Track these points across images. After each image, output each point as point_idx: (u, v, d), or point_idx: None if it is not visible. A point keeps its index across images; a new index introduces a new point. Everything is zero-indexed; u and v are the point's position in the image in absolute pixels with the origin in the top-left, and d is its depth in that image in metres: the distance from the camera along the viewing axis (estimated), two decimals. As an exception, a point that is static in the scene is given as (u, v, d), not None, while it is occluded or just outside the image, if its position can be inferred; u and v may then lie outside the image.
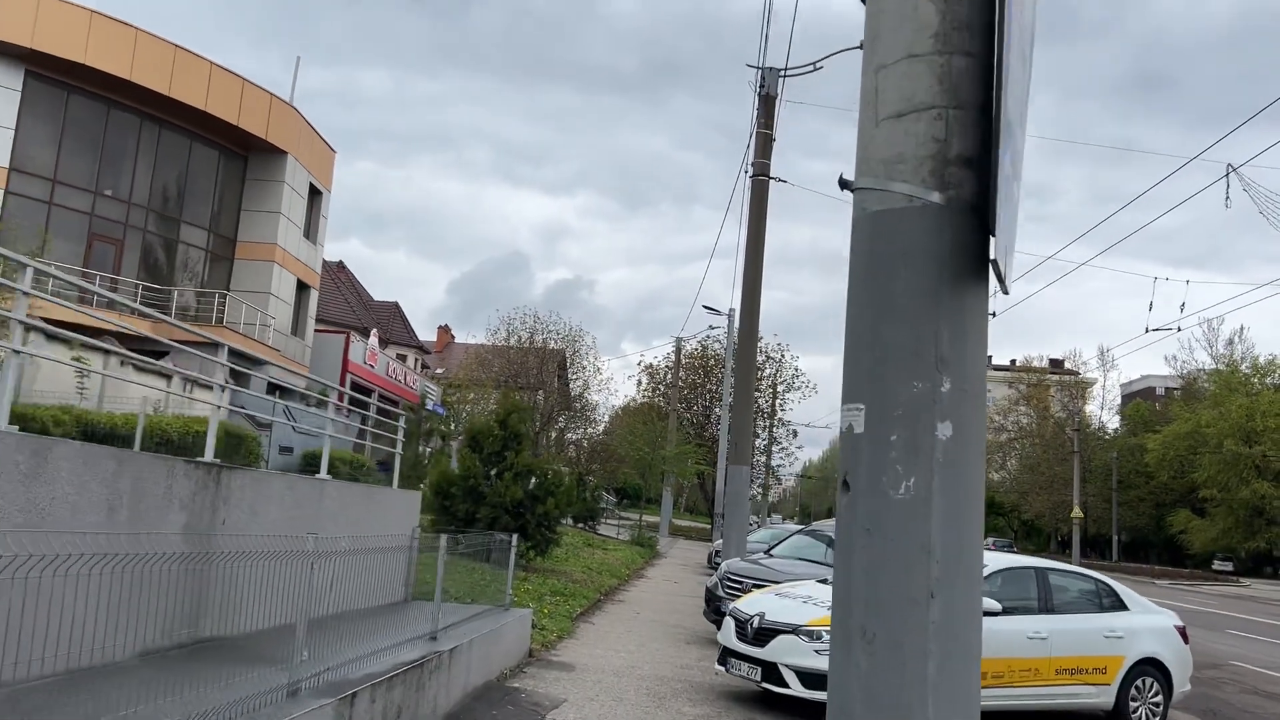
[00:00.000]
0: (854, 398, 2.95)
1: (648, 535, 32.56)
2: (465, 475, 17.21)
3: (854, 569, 2.86)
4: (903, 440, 2.82)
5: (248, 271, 31.38)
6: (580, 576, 18.42)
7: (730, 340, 43.78)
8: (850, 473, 2.93)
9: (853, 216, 3.08)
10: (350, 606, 8.48)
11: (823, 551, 14.59)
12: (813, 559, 14.18)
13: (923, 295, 2.86)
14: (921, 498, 2.78)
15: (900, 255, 2.89)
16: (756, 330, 19.31)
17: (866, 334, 2.94)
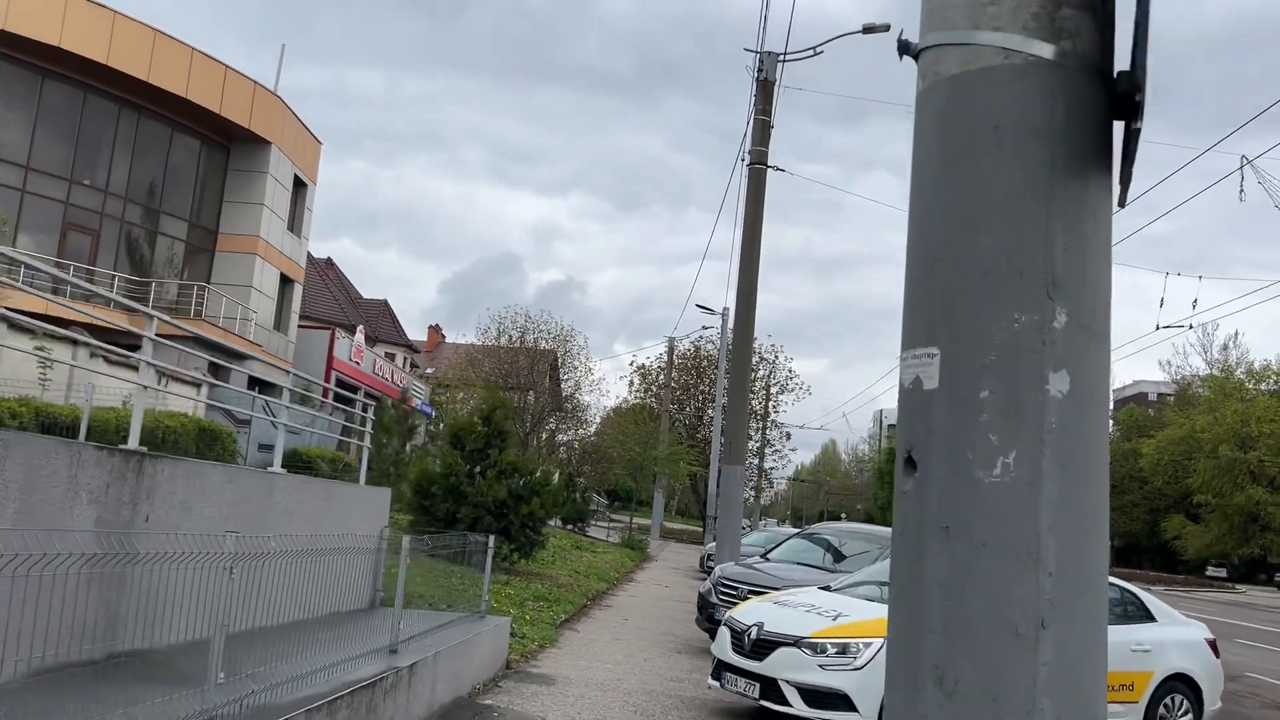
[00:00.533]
0: (922, 339, 2.06)
1: (638, 538, 31.66)
2: (446, 473, 16.30)
3: (924, 584, 1.97)
4: (998, 398, 1.93)
5: (229, 264, 30.42)
6: (566, 580, 17.52)
7: (724, 339, 42.94)
8: (917, 447, 2.04)
9: (918, 89, 2.20)
10: (308, 614, 7.58)
11: (820, 556, 13.72)
12: (812, 564, 13.30)
13: (1025, 190, 1.98)
14: (1026, 481, 1.90)
15: (991, 135, 2.01)
16: (753, 324, 18.44)
17: (941, 248, 2.05)
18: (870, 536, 13.79)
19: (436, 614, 9.75)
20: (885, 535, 13.75)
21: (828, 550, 13.81)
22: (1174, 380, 73.11)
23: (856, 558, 13.21)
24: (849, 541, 13.82)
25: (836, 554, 13.61)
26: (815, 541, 14.24)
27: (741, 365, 18.28)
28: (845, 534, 14.21)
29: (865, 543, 13.55)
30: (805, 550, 13.99)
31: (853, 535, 14.07)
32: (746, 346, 18.21)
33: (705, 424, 53.65)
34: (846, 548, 13.68)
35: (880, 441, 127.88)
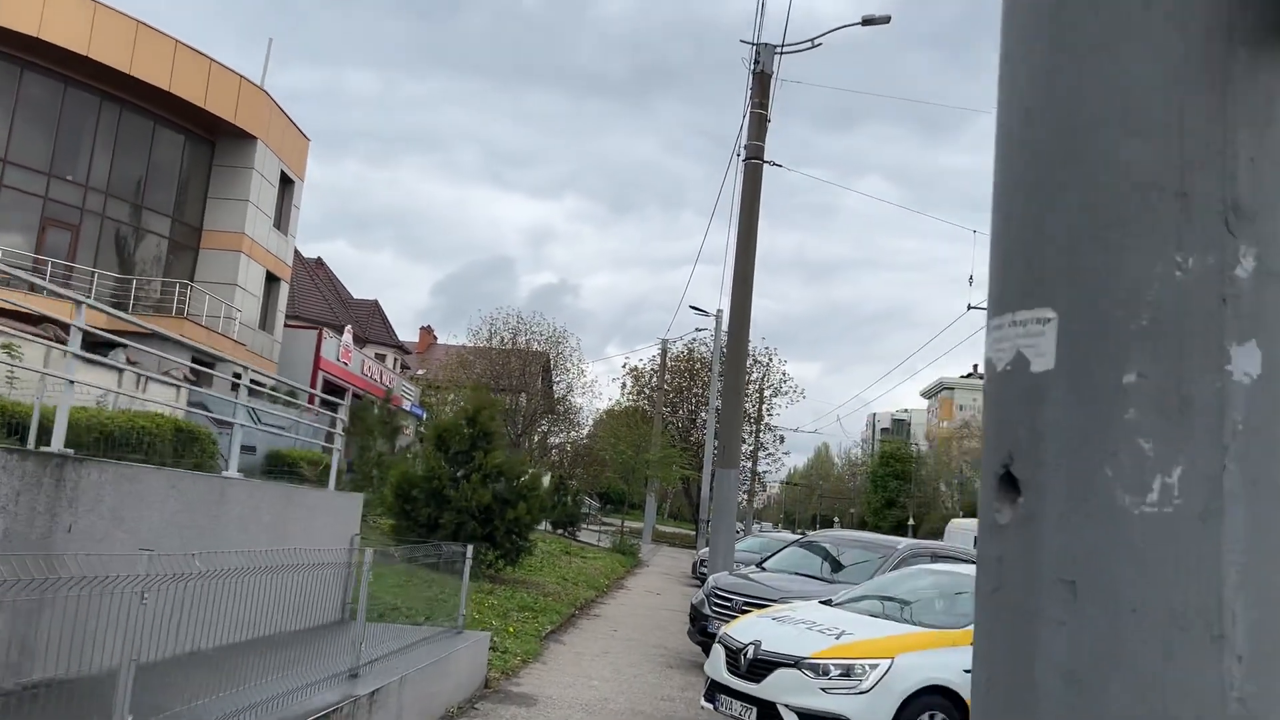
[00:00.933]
0: (1027, 297, 1.38)
1: (630, 543, 30.97)
2: (429, 476, 15.61)
3: (1036, 672, 1.28)
4: (1152, 385, 1.25)
5: (213, 262, 29.68)
6: (554, 588, 16.83)
7: (717, 341, 42.30)
8: (1021, 458, 1.36)
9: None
10: (263, 633, 6.90)
11: (819, 565, 13.06)
12: (810, 574, 12.64)
13: (1189, 70, 1.31)
14: (1198, 510, 1.22)
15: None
16: (748, 323, 17.78)
17: (1056, 164, 1.38)
18: (870, 545, 13.13)
19: (411, 629, 9.06)
20: (886, 544, 13.09)
21: (825, 559, 13.16)
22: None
23: (856, 567, 12.56)
24: (848, 550, 13.17)
25: (835, 564, 12.96)
26: (813, 550, 13.58)
27: (736, 365, 17.61)
28: (844, 542, 13.55)
29: (864, 551, 12.90)
30: (803, 559, 13.32)
31: (852, 544, 13.42)
32: (741, 345, 17.55)
33: (698, 427, 52.98)
34: (845, 557, 13.03)
35: (873, 445, 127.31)
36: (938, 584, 9.42)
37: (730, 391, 17.63)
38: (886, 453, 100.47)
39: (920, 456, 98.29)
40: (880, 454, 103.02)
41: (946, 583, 9.38)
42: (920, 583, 9.62)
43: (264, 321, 31.91)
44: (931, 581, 9.54)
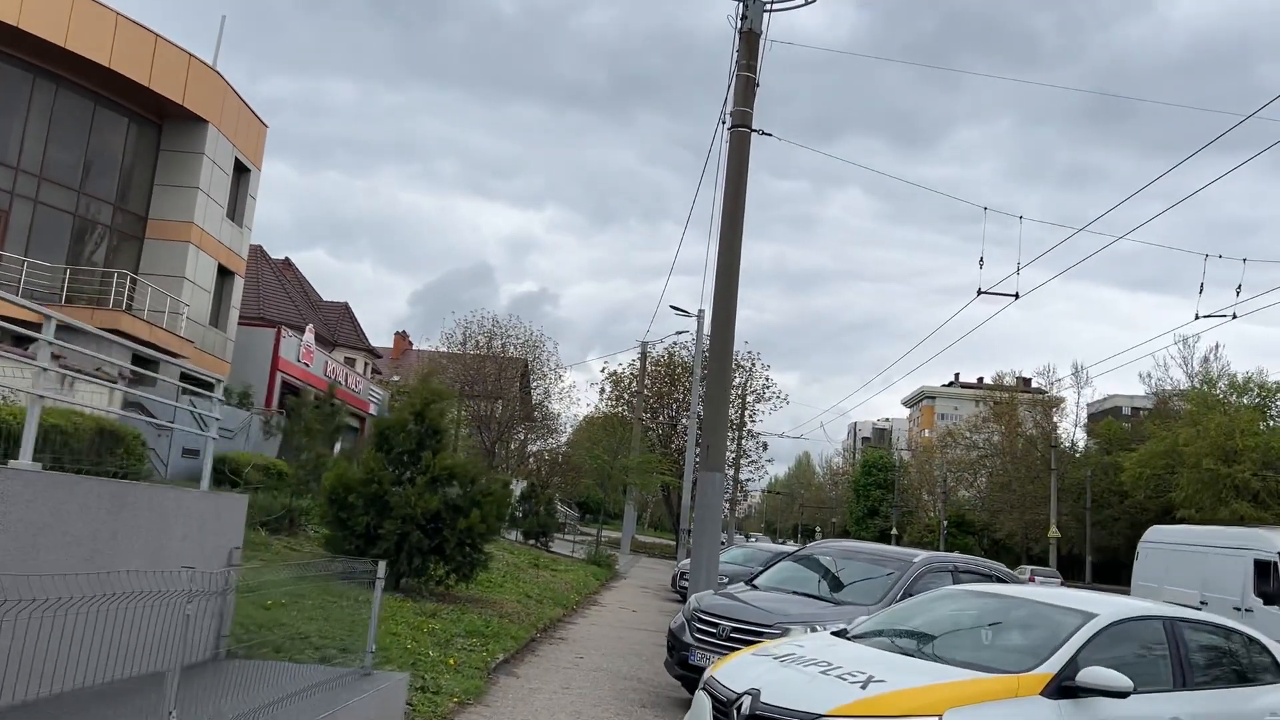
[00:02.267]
0: None
1: (605, 554, 28.73)
2: (368, 479, 13.38)
3: None
4: None
5: (160, 253, 27.35)
6: (514, 607, 14.61)
7: (699, 343, 40.21)
8: None
9: None
10: (83, 680, 4.73)
11: (819, 583, 10.93)
12: (811, 593, 10.51)
13: None
14: None
15: None
16: (734, 307, 15.66)
17: None
18: (880, 558, 11.00)
19: (301, 669, 6.86)
20: (899, 557, 10.97)
21: (827, 575, 11.03)
22: (1154, 392, 70.99)
23: (865, 585, 10.45)
24: (854, 564, 11.04)
25: (838, 580, 10.84)
26: (812, 564, 11.42)
27: (722, 353, 15.48)
28: (849, 554, 11.39)
29: (874, 566, 10.79)
30: (801, 575, 11.17)
31: (859, 556, 11.27)
32: (728, 331, 15.43)
33: (679, 433, 50.83)
34: (851, 572, 10.92)
35: (854, 454, 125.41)
36: (981, 609, 7.30)
37: (716, 384, 15.49)
38: (869, 461, 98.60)
39: (904, 465, 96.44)
40: (863, 463, 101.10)
41: (991, 608, 7.27)
42: (957, 608, 7.51)
43: (215, 318, 29.58)
44: (972, 606, 7.42)
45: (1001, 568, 11.77)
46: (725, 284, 15.41)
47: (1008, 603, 7.25)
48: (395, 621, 10.93)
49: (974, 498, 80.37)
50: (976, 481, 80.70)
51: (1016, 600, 7.30)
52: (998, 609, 7.20)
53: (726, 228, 15.84)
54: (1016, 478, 73.69)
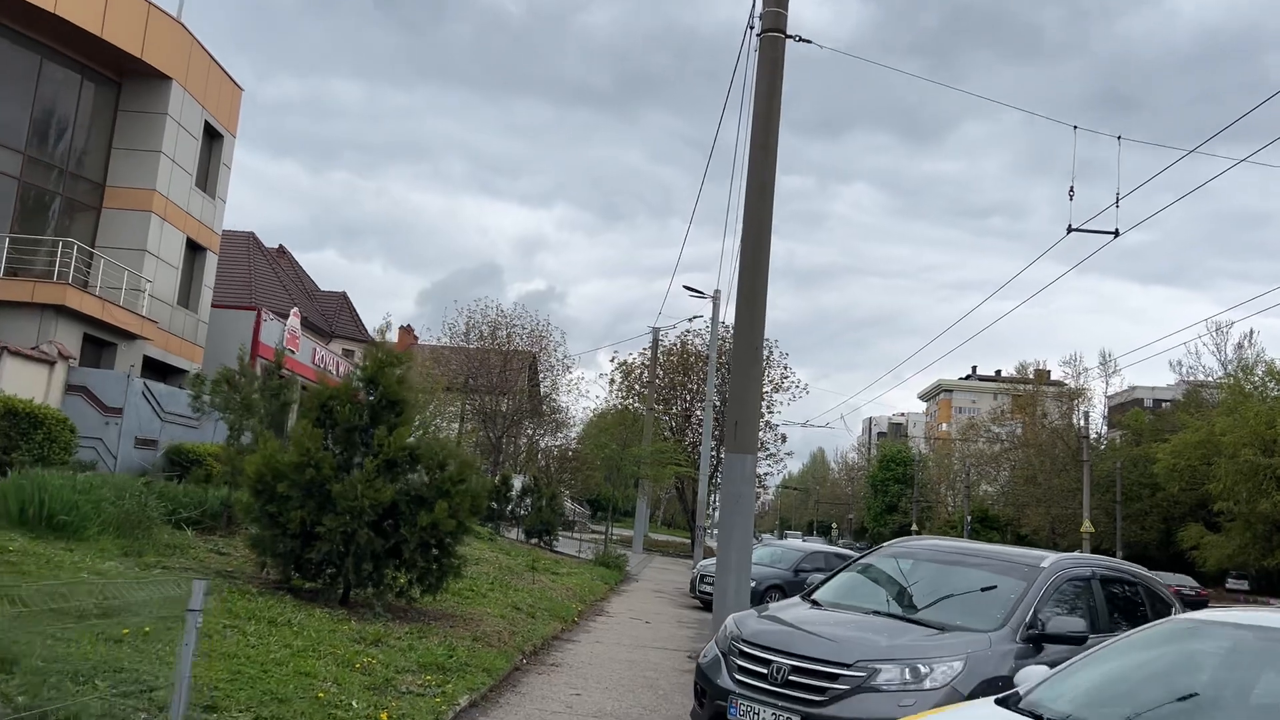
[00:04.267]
0: None
1: (615, 554, 25.57)
2: (302, 463, 10.24)
3: None
4: None
5: (118, 224, 24.31)
6: (495, 625, 11.43)
7: (715, 326, 36.99)
8: None
9: None
10: None
11: (900, 597, 7.70)
12: (894, 612, 7.29)
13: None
14: None
15: None
16: (768, 248, 12.46)
17: None
18: (991, 562, 7.73)
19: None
20: (1017, 561, 7.74)
21: (913, 588, 7.79)
22: (1185, 381, 67.37)
23: (969, 601, 7.26)
24: (948, 571, 7.80)
25: (929, 595, 7.60)
26: (891, 573, 8.15)
27: (751, 307, 12.27)
28: (942, 558, 8.08)
29: (979, 573, 7.56)
30: (876, 588, 7.94)
31: (954, 560, 7.98)
32: (758, 280, 12.23)
33: (694, 425, 47.59)
34: (944, 582, 7.67)
35: (870, 450, 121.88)
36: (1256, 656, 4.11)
37: (745, 343, 12.29)
38: (887, 456, 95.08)
39: (922, 459, 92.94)
40: (880, 457, 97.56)
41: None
42: (1205, 648, 4.32)
43: (184, 297, 26.52)
44: (1237, 650, 4.22)
45: (1144, 572, 8.55)
46: (757, 220, 12.23)
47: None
48: (316, 654, 7.78)
49: (997, 492, 76.91)
50: (999, 475, 77.24)
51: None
52: None
53: (758, 155, 12.67)
54: (1042, 470, 70.25)
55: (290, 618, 8.91)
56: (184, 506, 12.64)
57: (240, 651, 7.29)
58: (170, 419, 21.62)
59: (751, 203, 12.22)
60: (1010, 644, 6.60)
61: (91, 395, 20.30)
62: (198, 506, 12.94)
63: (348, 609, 10.34)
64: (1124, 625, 7.61)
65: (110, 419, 20.23)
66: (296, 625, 8.65)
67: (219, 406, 13.06)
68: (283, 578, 10.71)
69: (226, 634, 7.79)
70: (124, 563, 9.84)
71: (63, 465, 16.37)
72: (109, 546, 10.27)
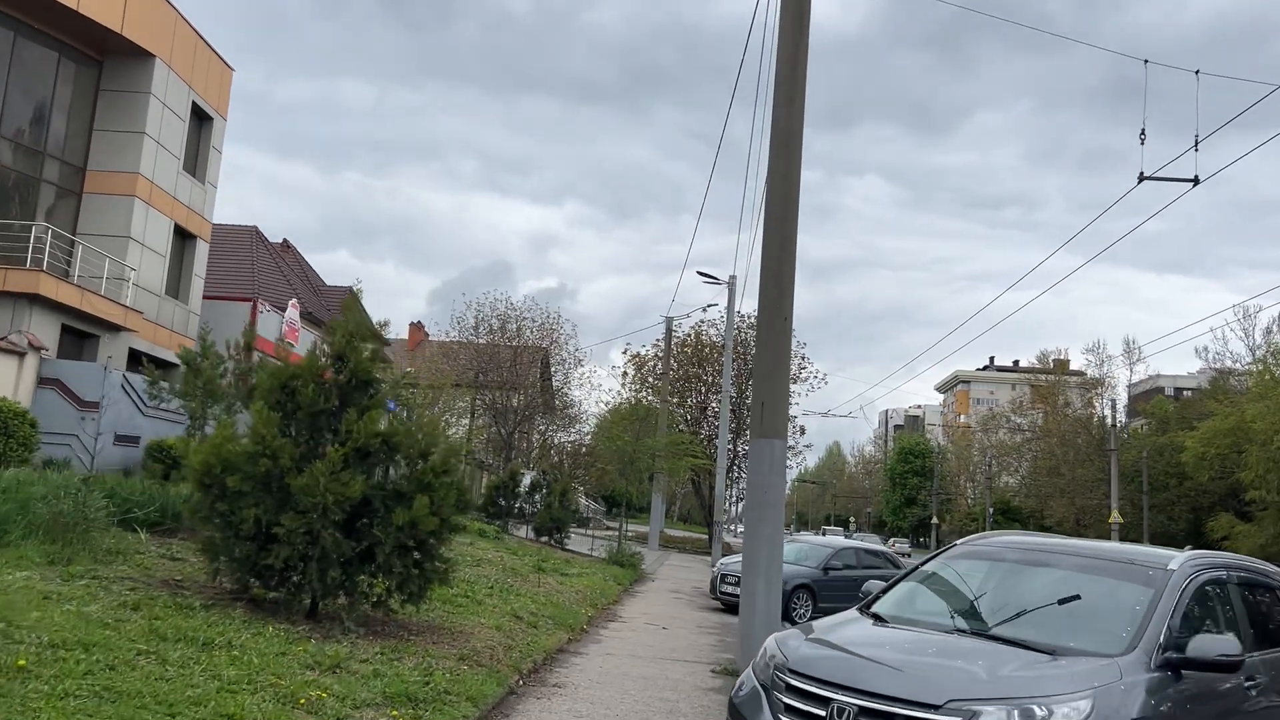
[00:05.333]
0: None
1: (630, 552, 23.94)
2: (256, 453, 8.63)
3: None
4: None
5: (100, 209, 22.84)
6: (489, 638, 9.80)
7: (731, 314, 35.30)
8: None
9: None
10: None
11: (988, 610, 5.95)
12: (981, 630, 5.59)
13: None
14: None
15: None
16: (795, 210, 10.79)
17: None
18: (1101, 564, 6.02)
19: None
20: (1131, 559, 6.05)
21: (1004, 598, 6.05)
22: (1212, 367, 65.20)
23: (1081, 614, 5.58)
24: (1046, 576, 6.08)
25: (1026, 607, 5.87)
26: (971, 579, 6.42)
27: (779, 265, 10.59)
28: (1034, 558, 6.32)
29: (1089, 578, 5.85)
30: (954, 598, 6.24)
31: (1051, 560, 6.25)
32: (788, 231, 10.54)
33: (709, 418, 45.89)
34: (1042, 589, 5.96)
35: (886, 442, 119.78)
36: None
37: (771, 314, 10.62)
38: (905, 448, 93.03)
39: (941, 451, 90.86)
40: (898, 449, 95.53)
41: None
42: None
43: (174, 287, 25.05)
44: None
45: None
46: (785, 160, 10.55)
47: None
48: (251, 688, 6.15)
49: (1018, 483, 74.86)
50: (1020, 466, 75.18)
51: None
52: None
53: (783, 92, 10.99)
54: (1065, 461, 68.19)
55: (234, 638, 7.30)
56: (139, 506, 11.06)
57: (148, 688, 5.68)
58: (154, 414, 20.07)
59: (778, 151, 10.55)
60: (1143, 673, 4.93)
61: (66, 389, 18.80)
62: (155, 505, 11.36)
63: (314, 623, 8.74)
64: (1265, 645, 5.94)
65: (86, 414, 18.72)
66: (237, 648, 7.04)
67: (179, 393, 11.49)
68: (239, 587, 9.11)
69: (139, 663, 6.19)
70: (44, 573, 8.26)
71: (23, 464, 14.86)
72: (31, 554, 8.69)
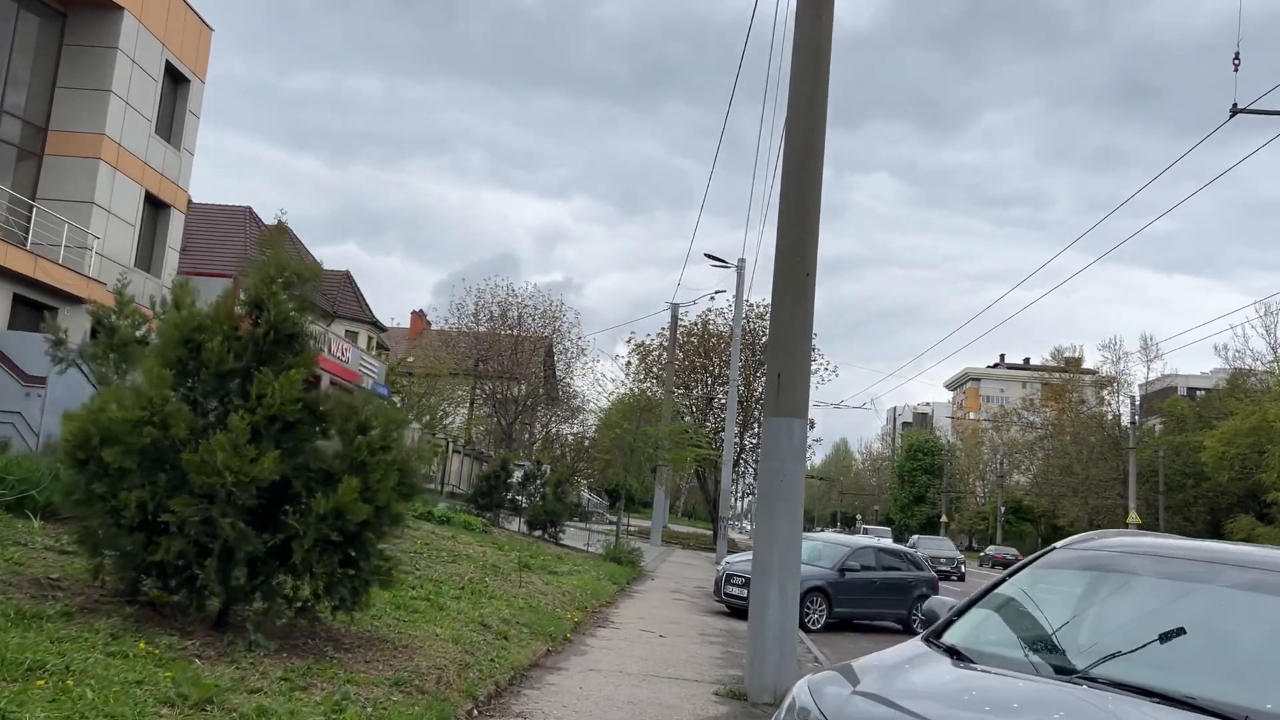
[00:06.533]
0: None
1: (629, 548, 22.09)
2: (140, 420, 6.79)
3: None
4: None
5: (62, 173, 21.08)
6: (443, 654, 7.91)
7: (740, 300, 33.41)
8: None
9: None
10: None
11: (1095, 647, 4.08)
12: (1109, 675, 3.71)
13: None
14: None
15: None
16: (821, 141, 8.91)
17: None
18: (1271, 574, 4.17)
19: None
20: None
21: (1132, 628, 4.16)
22: (1231, 365, 63.06)
23: (1260, 656, 3.67)
24: (1189, 598, 4.20)
25: (1163, 640, 3.97)
26: (1062, 602, 4.52)
27: (800, 219, 8.71)
28: (1168, 569, 4.46)
29: (1241, 595, 3.99)
30: (1054, 625, 4.34)
31: (1194, 575, 4.38)
32: (810, 172, 8.67)
33: (715, 409, 44.01)
34: (1185, 617, 4.07)
35: (894, 439, 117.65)
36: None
37: (790, 268, 8.75)
38: (914, 445, 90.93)
39: (951, 449, 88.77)
40: (907, 446, 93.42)
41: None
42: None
43: (145, 260, 23.28)
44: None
45: None
46: (811, 80, 8.66)
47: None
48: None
49: (1029, 482, 72.82)
50: (1031, 465, 73.14)
51: None
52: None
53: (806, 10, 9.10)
54: (1078, 459, 66.16)
55: (80, 659, 5.47)
56: (35, 486, 9.24)
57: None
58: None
59: (802, 52, 8.65)
60: None
61: (9, 362, 17.03)
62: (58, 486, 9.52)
63: (219, 634, 6.91)
64: None
65: (32, 389, 16.95)
66: (78, 674, 5.21)
67: (90, 355, 9.67)
68: (127, 588, 7.28)
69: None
70: None
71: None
72: None
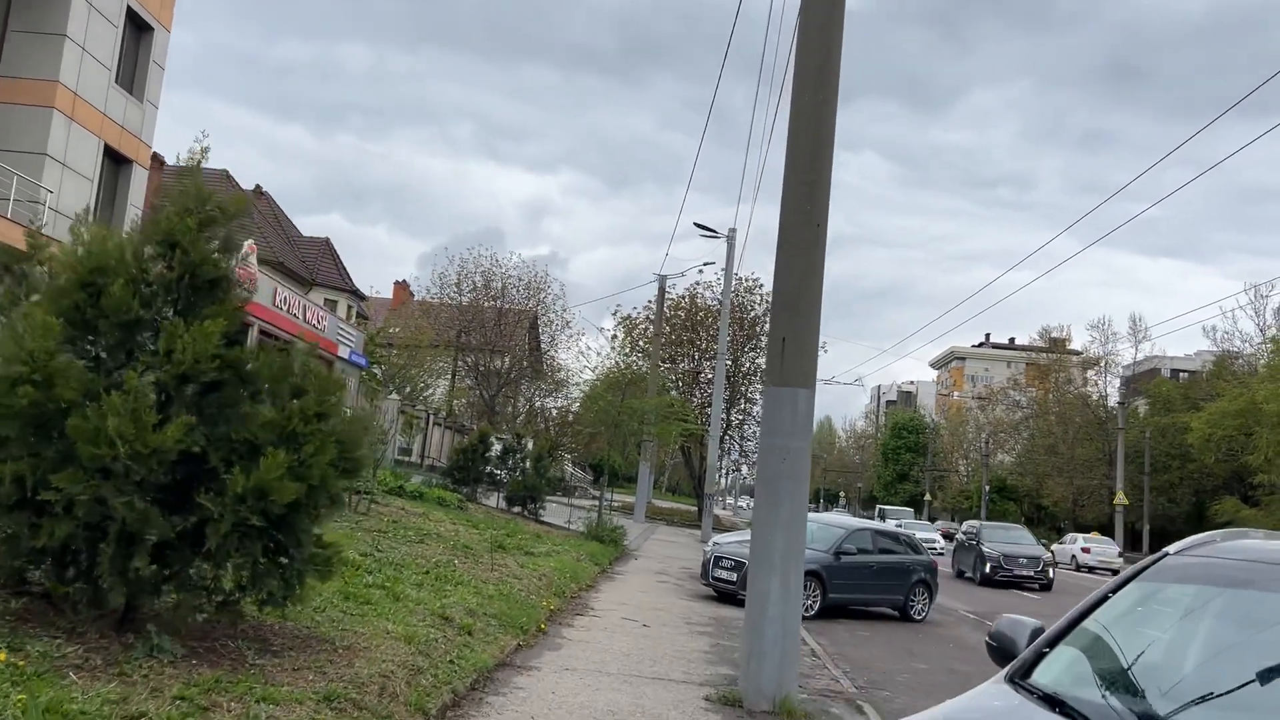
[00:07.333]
0: None
1: (612, 526, 20.99)
2: (18, 378, 5.57)
3: None
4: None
5: (12, 121, 19.62)
6: (391, 656, 6.74)
7: (730, 272, 32.17)
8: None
9: None
10: None
11: (1201, 699, 2.95)
12: None
13: None
14: None
15: None
16: (836, 75, 7.71)
17: None
18: None
19: None
20: None
21: (1263, 666, 3.03)
22: (1219, 347, 62.38)
23: None
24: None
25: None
26: (1165, 631, 3.40)
27: (812, 161, 7.52)
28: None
29: None
30: (1161, 663, 3.23)
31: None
32: (822, 107, 7.46)
33: (702, 384, 42.90)
34: None
35: (878, 417, 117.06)
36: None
37: (798, 217, 7.58)
38: (899, 423, 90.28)
39: (935, 427, 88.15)
40: (892, 424, 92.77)
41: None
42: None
43: (104, 217, 21.83)
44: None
45: None
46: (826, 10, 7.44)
47: None
48: None
49: (1013, 462, 72.24)
50: (1016, 445, 72.53)
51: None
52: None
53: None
54: (1063, 439, 65.55)
55: None
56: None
57: None
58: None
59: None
60: None
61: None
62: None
63: (122, 634, 5.74)
64: None
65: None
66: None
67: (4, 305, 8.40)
68: (11, 579, 6.08)
69: None
70: None
71: None
72: None
